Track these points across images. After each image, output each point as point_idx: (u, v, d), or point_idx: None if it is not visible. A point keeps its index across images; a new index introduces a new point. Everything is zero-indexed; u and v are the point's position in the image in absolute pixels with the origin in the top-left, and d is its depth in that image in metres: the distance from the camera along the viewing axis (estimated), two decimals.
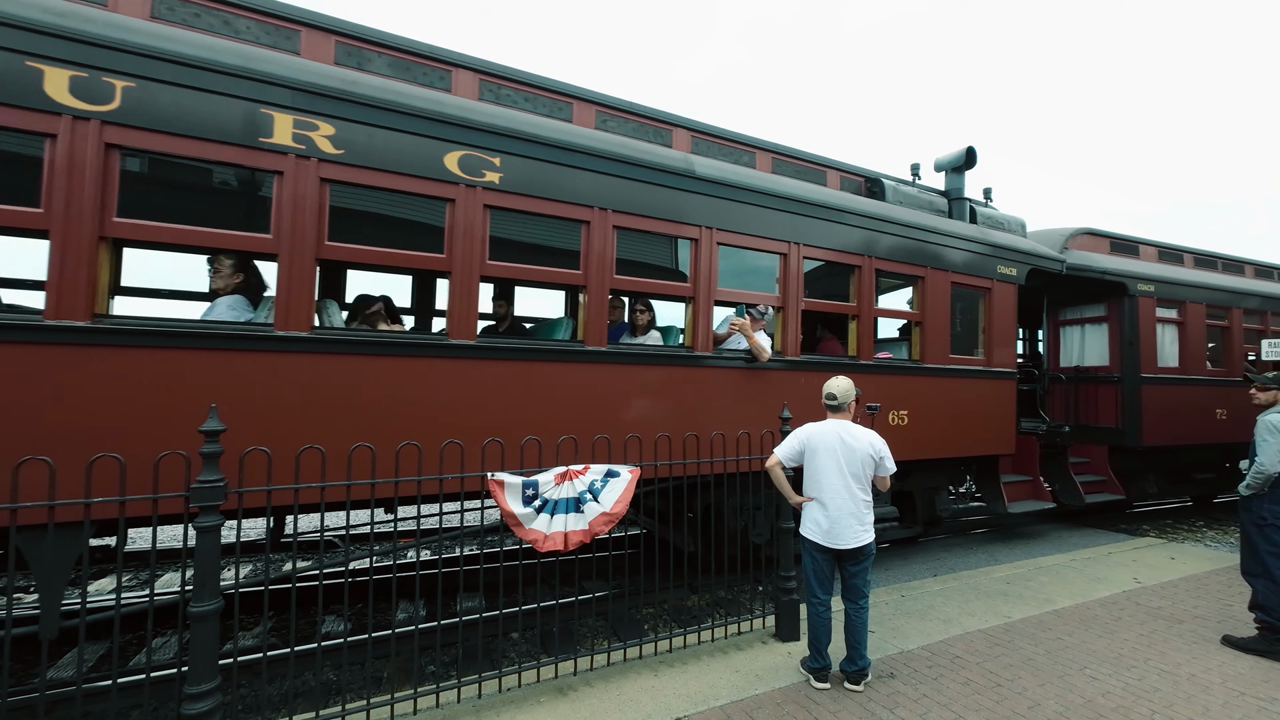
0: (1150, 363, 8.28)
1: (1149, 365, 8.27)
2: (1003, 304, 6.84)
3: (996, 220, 7.29)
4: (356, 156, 3.66)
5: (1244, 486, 4.20)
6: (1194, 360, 8.75)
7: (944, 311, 6.32)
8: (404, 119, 3.80)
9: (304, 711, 3.16)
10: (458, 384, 3.95)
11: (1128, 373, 8.23)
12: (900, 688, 3.53)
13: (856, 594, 3.49)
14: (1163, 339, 8.55)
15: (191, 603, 2.60)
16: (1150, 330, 8.29)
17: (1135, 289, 8.19)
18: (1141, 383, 8.17)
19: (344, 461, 3.17)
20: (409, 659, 4.29)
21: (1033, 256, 7.18)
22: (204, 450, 2.62)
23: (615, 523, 3.60)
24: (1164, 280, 8.54)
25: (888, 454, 3.50)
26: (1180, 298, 8.69)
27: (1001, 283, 6.85)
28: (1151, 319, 8.30)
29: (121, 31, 3.15)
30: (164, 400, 3.19)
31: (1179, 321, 8.69)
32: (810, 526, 3.52)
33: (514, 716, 3.16)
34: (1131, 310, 8.22)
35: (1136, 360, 8.16)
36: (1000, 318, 6.80)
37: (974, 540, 8.06)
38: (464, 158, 3.97)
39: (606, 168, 4.48)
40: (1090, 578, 5.70)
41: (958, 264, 6.47)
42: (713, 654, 3.91)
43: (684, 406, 4.79)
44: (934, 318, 6.24)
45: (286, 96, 3.49)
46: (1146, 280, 8.31)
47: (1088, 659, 3.95)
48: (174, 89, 3.22)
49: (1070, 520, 9.27)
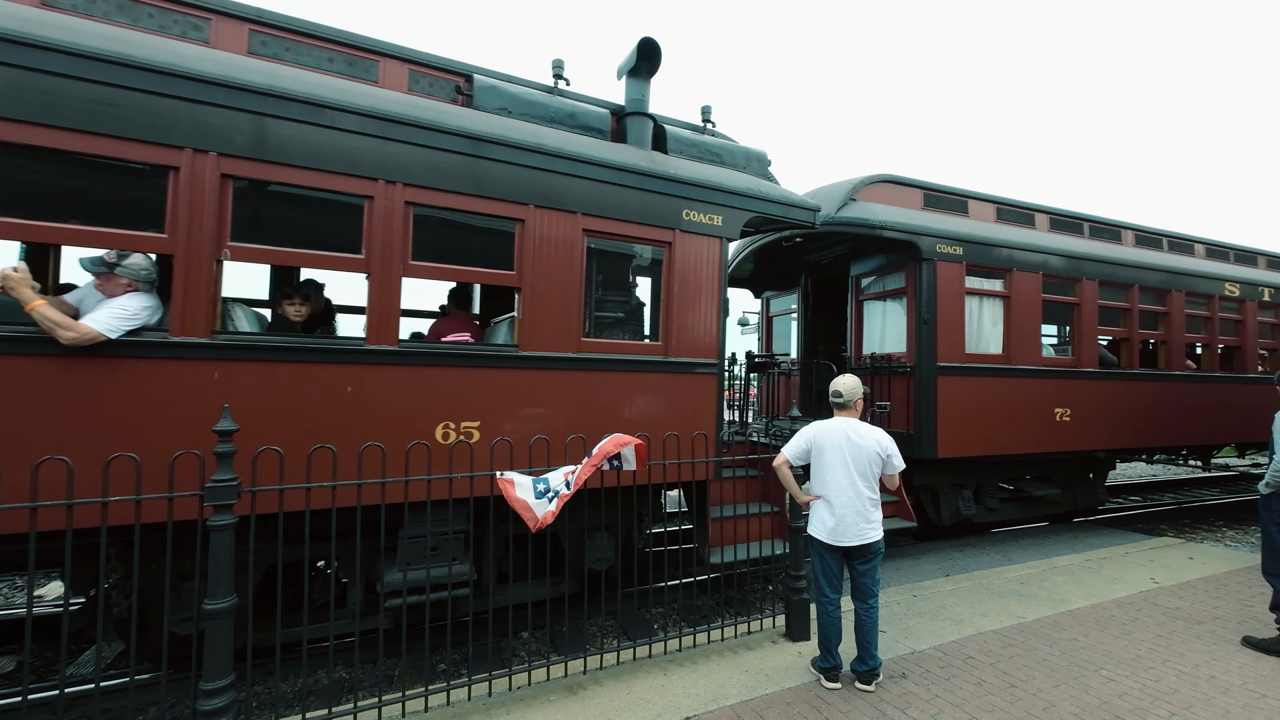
0: (953, 348, 6.43)
1: (951, 351, 6.41)
2: (696, 265, 4.88)
3: (706, 150, 5.28)
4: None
5: (1264, 485, 4.12)
6: (1025, 346, 6.94)
7: (568, 273, 4.35)
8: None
9: (316, 709, 3.19)
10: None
11: (922, 361, 6.32)
12: (912, 688, 3.50)
13: (866, 593, 3.46)
14: (977, 318, 6.77)
15: (206, 600, 2.64)
16: (955, 305, 6.47)
17: (933, 250, 6.34)
18: (939, 374, 6.32)
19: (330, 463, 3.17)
20: (420, 657, 4.32)
21: (752, 199, 5.14)
22: (217, 450, 2.66)
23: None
24: (978, 241, 6.64)
25: (895, 451, 3.48)
26: (1004, 264, 6.81)
27: (693, 235, 4.86)
28: (958, 290, 6.50)
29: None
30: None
31: (1002, 295, 6.86)
32: (817, 525, 3.50)
33: (524, 714, 3.18)
34: (928, 278, 6.33)
35: (933, 345, 6.30)
36: (693, 284, 4.85)
37: (987, 540, 7.97)
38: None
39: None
40: (1106, 578, 5.61)
41: (598, 203, 4.46)
42: (722, 653, 3.90)
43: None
44: (547, 282, 4.27)
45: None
46: (949, 240, 6.45)
47: (1104, 660, 3.89)
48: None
49: (1084, 520, 9.15)
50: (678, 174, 4.83)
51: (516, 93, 4.57)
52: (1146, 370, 8.13)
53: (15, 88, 2.98)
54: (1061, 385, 7.19)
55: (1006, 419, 6.69)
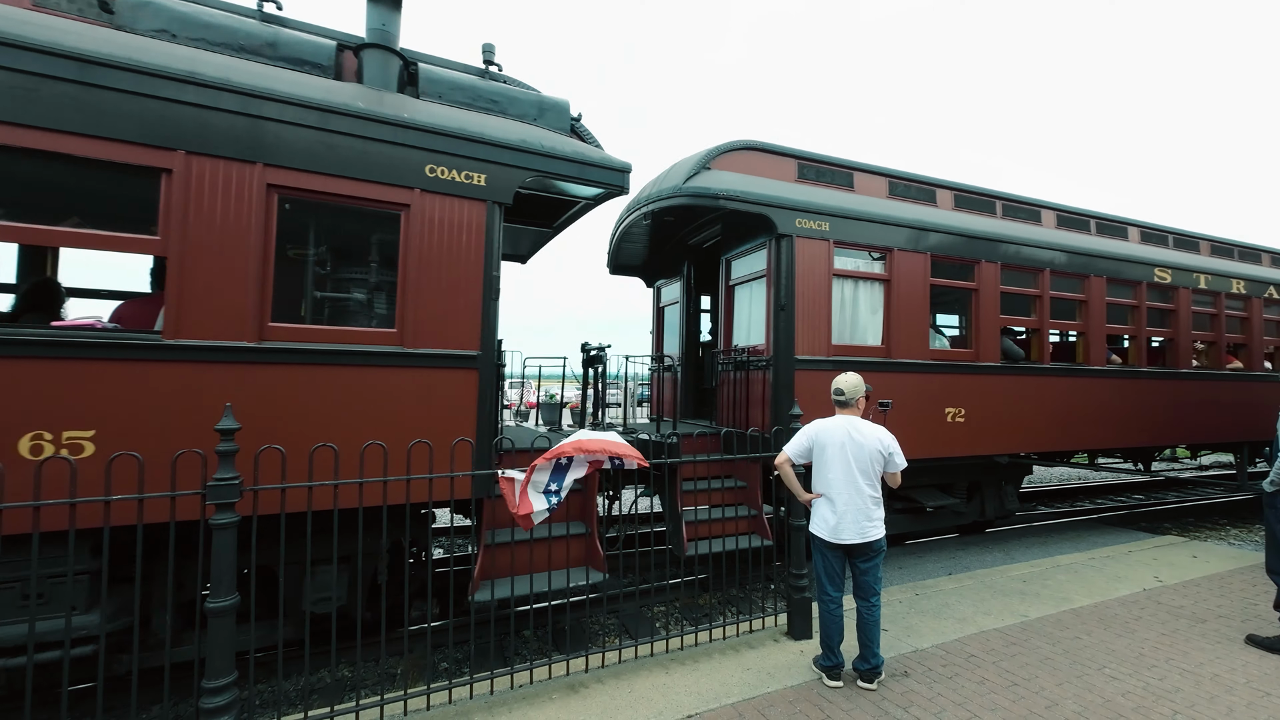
0: (816, 338, 5.62)
1: (813, 342, 5.60)
2: (449, 234, 4.03)
3: (476, 95, 4.42)
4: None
5: (1268, 483, 4.10)
6: (910, 337, 6.11)
7: (244, 240, 3.51)
8: None
9: (319, 707, 3.20)
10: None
11: (779, 354, 5.50)
12: (915, 686, 3.49)
13: (868, 591, 3.46)
14: (850, 304, 5.99)
15: (209, 599, 2.65)
16: (819, 289, 5.67)
17: (791, 225, 5.51)
18: (797, 368, 5.49)
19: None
20: (423, 656, 4.33)
21: (531, 155, 4.26)
22: (220, 449, 2.67)
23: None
24: (849, 215, 5.82)
25: (897, 449, 3.47)
26: (884, 243, 6.02)
27: (442, 196, 4.01)
28: (824, 272, 5.70)
29: None
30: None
31: (882, 278, 6.07)
32: (819, 523, 3.50)
33: (526, 713, 3.18)
34: (786, 257, 5.50)
35: (790, 334, 5.48)
36: (443, 258, 4.00)
37: (990, 539, 7.96)
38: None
39: None
40: (1110, 576, 5.60)
41: (292, 152, 3.63)
42: (724, 652, 3.90)
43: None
44: (212, 251, 3.43)
45: None
46: (812, 213, 5.62)
47: (1107, 658, 3.88)
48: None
49: (1089, 518, 9.13)
50: (415, 119, 3.91)
51: (183, 12, 3.70)
52: (1061, 365, 7.26)
53: None
54: (954, 382, 6.32)
55: (884, 420, 5.64)
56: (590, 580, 4.29)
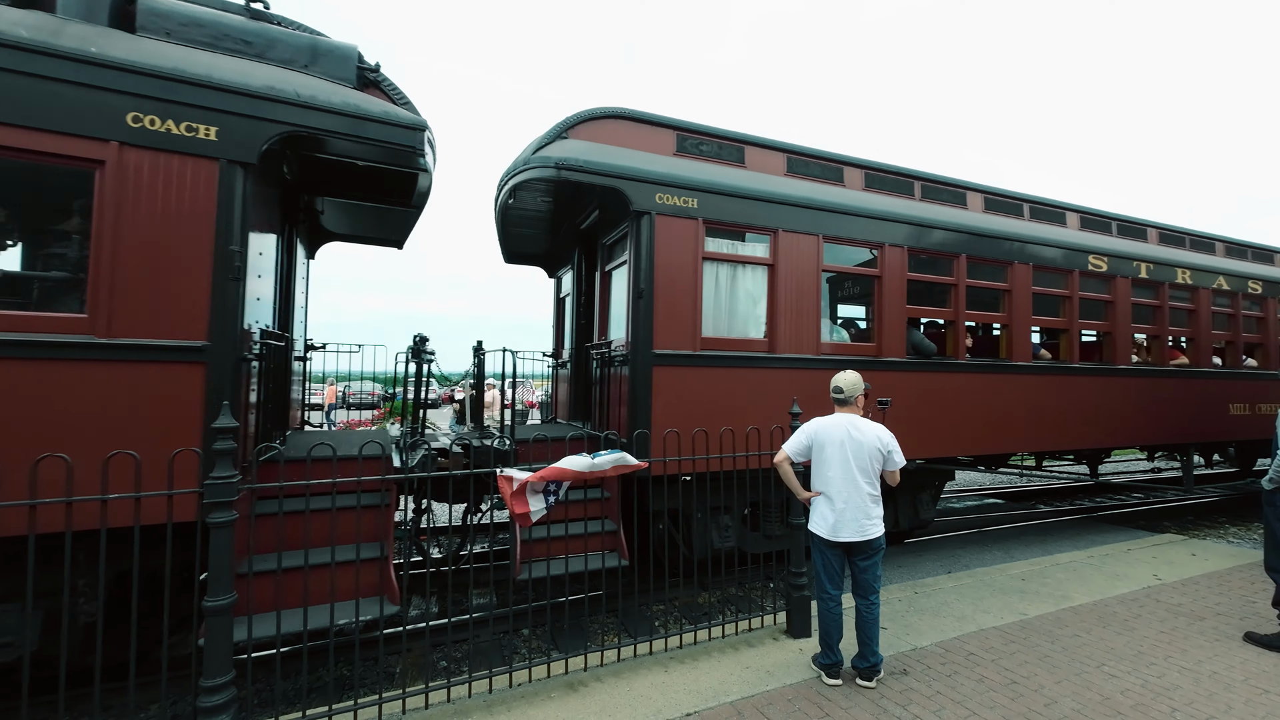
0: (681, 330, 4.93)
1: (677, 335, 4.91)
2: (165, 197, 3.36)
3: (220, 32, 3.74)
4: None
5: (1268, 480, 4.10)
6: (798, 330, 5.48)
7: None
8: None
9: (317, 706, 3.19)
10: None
11: (637, 347, 4.83)
12: (914, 684, 3.49)
13: (867, 589, 3.46)
14: (726, 292, 5.32)
15: (206, 597, 2.64)
16: (686, 274, 4.99)
17: (650, 201, 4.86)
18: (655, 364, 4.82)
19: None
20: (422, 655, 4.33)
21: (280, 105, 3.59)
22: (217, 447, 2.66)
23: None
24: (723, 191, 5.16)
25: (897, 448, 3.46)
26: (767, 223, 5.36)
27: (154, 151, 3.33)
28: (691, 255, 5.03)
29: None
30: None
31: (765, 263, 5.39)
32: (818, 521, 3.49)
33: (525, 711, 3.17)
34: (646, 238, 4.86)
35: (649, 325, 4.81)
36: (155, 225, 3.33)
37: (989, 537, 7.96)
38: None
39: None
40: (1109, 575, 5.60)
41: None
42: (723, 650, 3.90)
43: None
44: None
45: None
46: (677, 188, 4.96)
47: (1106, 656, 3.88)
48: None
49: (1088, 516, 9.14)
50: (108, 56, 3.20)
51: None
52: (980, 361, 6.66)
53: None
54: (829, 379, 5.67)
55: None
56: (384, 613, 3.62)
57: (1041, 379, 6.85)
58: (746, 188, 5.33)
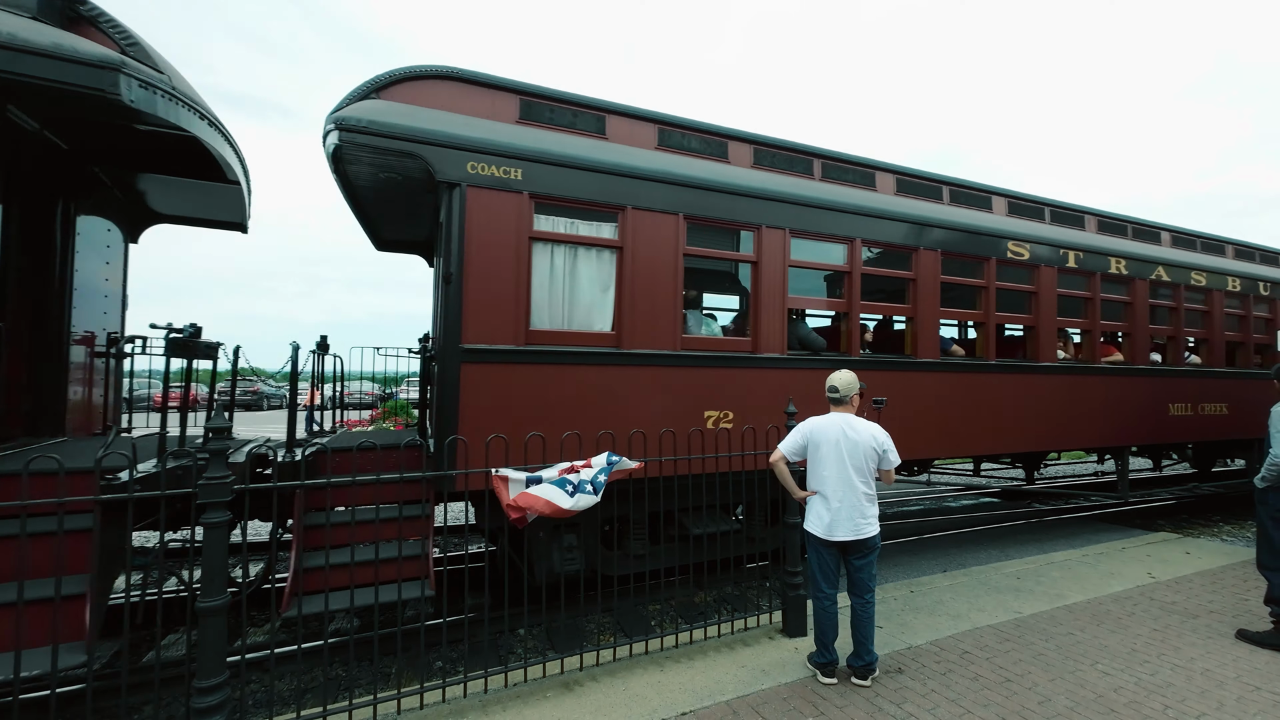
0: (500, 322, 4.27)
1: (497, 327, 4.27)
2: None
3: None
4: None
5: (1259, 479, 4.13)
6: (653, 322, 4.76)
7: None
8: None
9: (312, 707, 3.19)
10: None
11: (446, 342, 4.24)
12: (908, 683, 3.50)
13: (862, 588, 3.46)
14: (563, 278, 4.61)
15: (200, 598, 2.63)
16: (507, 256, 4.32)
17: (460, 171, 4.22)
18: (467, 360, 4.19)
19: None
20: (417, 655, 4.32)
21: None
22: (211, 447, 2.66)
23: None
24: (558, 160, 4.49)
25: (892, 446, 3.47)
26: (615, 200, 4.66)
27: None
28: (514, 234, 4.34)
29: None
30: None
31: (613, 245, 4.69)
32: (813, 520, 3.50)
33: (520, 711, 3.17)
34: (456, 213, 4.21)
35: (458, 315, 4.19)
36: None
37: (985, 536, 7.99)
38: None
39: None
40: (1103, 573, 5.62)
41: None
42: (719, 649, 3.90)
43: None
44: None
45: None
46: (496, 156, 4.31)
47: (1100, 654, 3.90)
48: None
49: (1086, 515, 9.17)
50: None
51: None
52: (880, 357, 6.05)
53: None
54: (721, 378, 5.01)
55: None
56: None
57: (950, 377, 6.21)
58: (586, 158, 4.58)
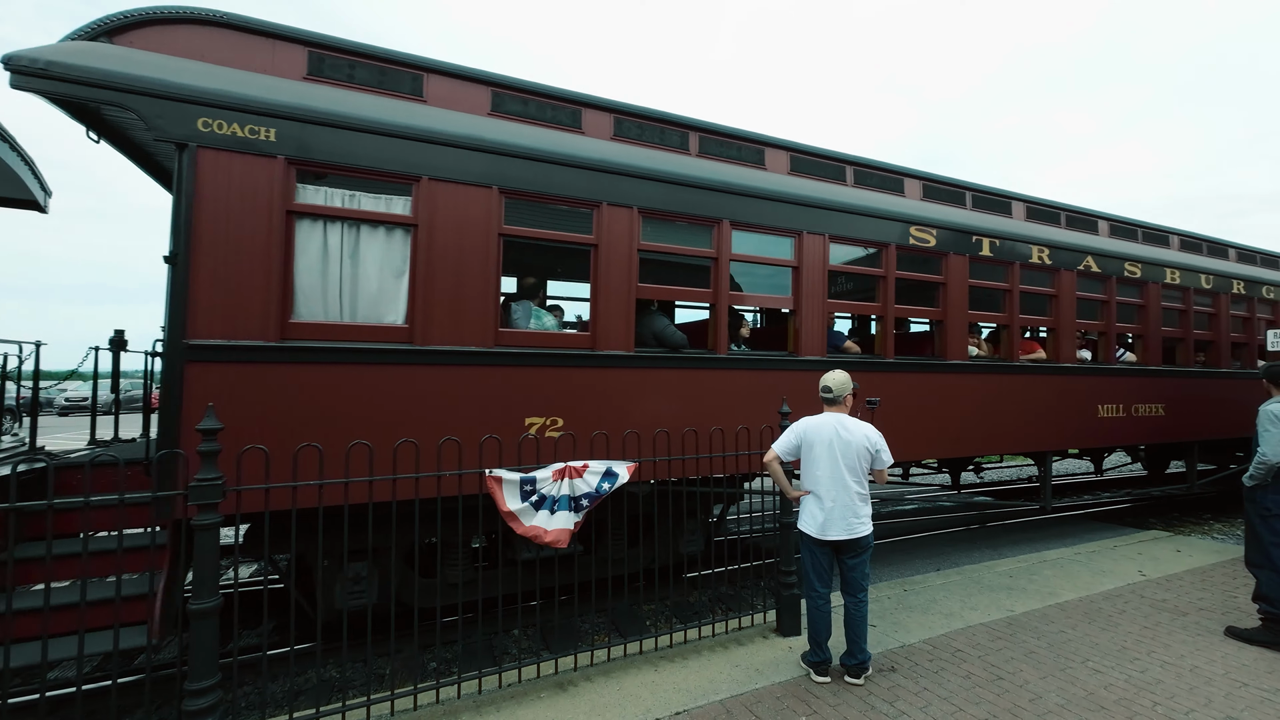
0: (243, 313, 3.54)
1: (233, 319, 3.52)
2: None
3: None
4: None
5: (1248, 477, 4.16)
6: (459, 314, 4.07)
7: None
8: None
9: (305, 709, 3.18)
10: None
11: (170, 335, 3.45)
12: (901, 681, 3.52)
13: (855, 587, 3.48)
14: (341, 260, 3.87)
15: (191, 600, 2.62)
16: (257, 233, 3.59)
17: (190, 129, 3.46)
18: (192, 359, 3.42)
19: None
20: (412, 656, 4.31)
21: None
22: (201, 449, 2.64)
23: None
24: (326, 119, 3.74)
25: (884, 446, 3.49)
26: (406, 168, 3.96)
27: None
28: (269, 206, 3.63)
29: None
30: None
31: (407, 222, 3.97)
32: (807, 520, 3.52)
33: (514, 712, 3.17)
34: (187, 182, 3.45)
35: (182, 303, 3.42)
36: None
37: (978, 535, 8.03)
38: None
39: None
40: (1095, 571, 5.67)
41: None
42: (713, 649, 3.91)
43: None
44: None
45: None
46: (239, 111, 3.56)
47: (1090, 652, 3.93)
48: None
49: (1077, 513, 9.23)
50: None
51: None
52: (752, 355, 5.30)
53: None
54: (548, 379, 4.33)
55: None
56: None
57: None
58: (367, 118, 3.84)
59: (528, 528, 3.42)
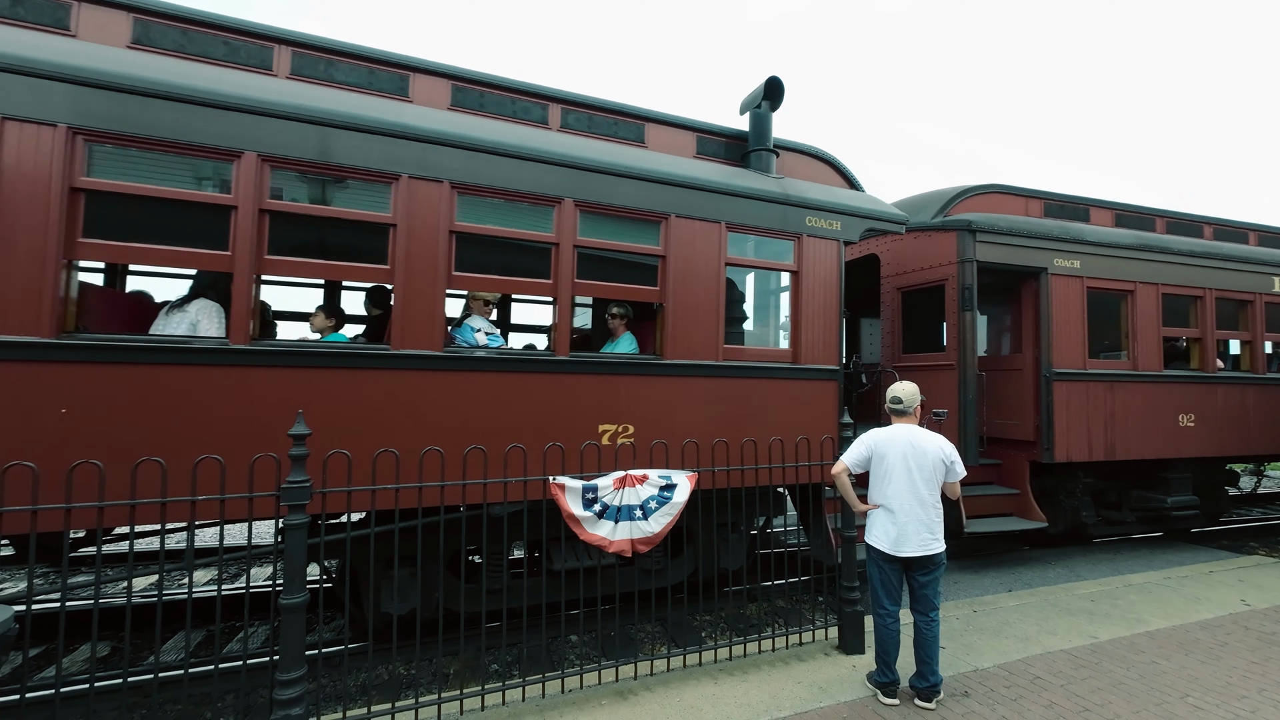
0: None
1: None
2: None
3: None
4: None
5: None
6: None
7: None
8: None
9: (380, 703, 3.31)
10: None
11: None
12: (976, 707, 3.35)
13: (927, 605, 3.35)
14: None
15: (282, 596, 2.78)
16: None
17: None
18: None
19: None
20: (474, 656, 4.43)
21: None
22: (292, 453, 2.81)
23: (657, 543, 3.62)
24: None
25: (958, 458, 3.35)
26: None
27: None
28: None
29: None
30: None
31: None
32: (878, 535, 3.41)
33: (576, 717, 3.21)
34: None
35: None
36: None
37: (1050, 554, 7.57)
38: None
39: None
40: (1188, 597, 5.24)
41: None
42: (773, 664, 3.84)
43: None
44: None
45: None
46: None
47: (1189, 686, 3.63)
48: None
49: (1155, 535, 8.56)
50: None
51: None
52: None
53: None
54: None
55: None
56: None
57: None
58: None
59: (591, 534, 3.46)
